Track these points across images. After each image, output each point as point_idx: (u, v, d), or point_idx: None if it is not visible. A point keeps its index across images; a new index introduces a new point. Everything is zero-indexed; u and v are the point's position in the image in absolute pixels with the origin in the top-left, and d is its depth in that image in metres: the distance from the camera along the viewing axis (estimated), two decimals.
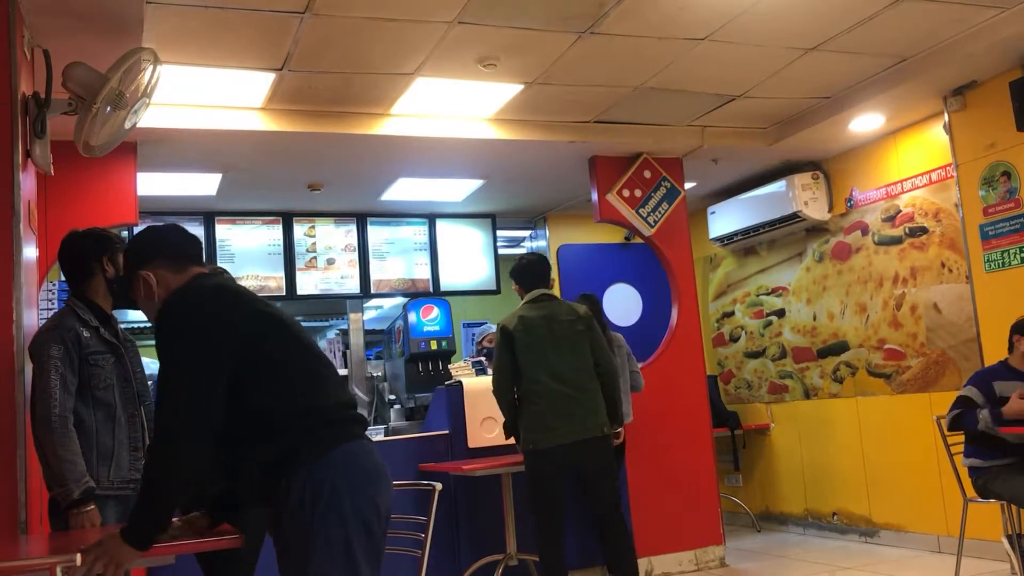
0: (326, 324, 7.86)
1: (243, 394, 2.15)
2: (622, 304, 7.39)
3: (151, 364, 3.89)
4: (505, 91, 4.86)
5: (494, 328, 6.77)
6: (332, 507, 2.13)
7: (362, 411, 2.37)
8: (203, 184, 5.70)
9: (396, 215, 6.85)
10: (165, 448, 2.09)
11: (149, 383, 3.18)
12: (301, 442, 2.16)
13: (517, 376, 4.28)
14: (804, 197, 6.24)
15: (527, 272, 4.49)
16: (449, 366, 6.08)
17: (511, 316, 4.38)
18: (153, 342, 2.28)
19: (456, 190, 6.43)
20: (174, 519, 2.31)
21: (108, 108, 3.29)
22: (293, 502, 2.13)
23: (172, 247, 2.38)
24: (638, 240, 6.38)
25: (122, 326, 3.20)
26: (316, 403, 2.24)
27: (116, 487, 3.00)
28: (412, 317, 6.63)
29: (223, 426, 2.13)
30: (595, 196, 5.86)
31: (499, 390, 4.35)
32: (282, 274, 6.49)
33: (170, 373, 2.13)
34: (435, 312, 6.69)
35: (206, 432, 2.10)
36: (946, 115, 5.30)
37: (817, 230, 6.45)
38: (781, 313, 6.85)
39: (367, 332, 7.19)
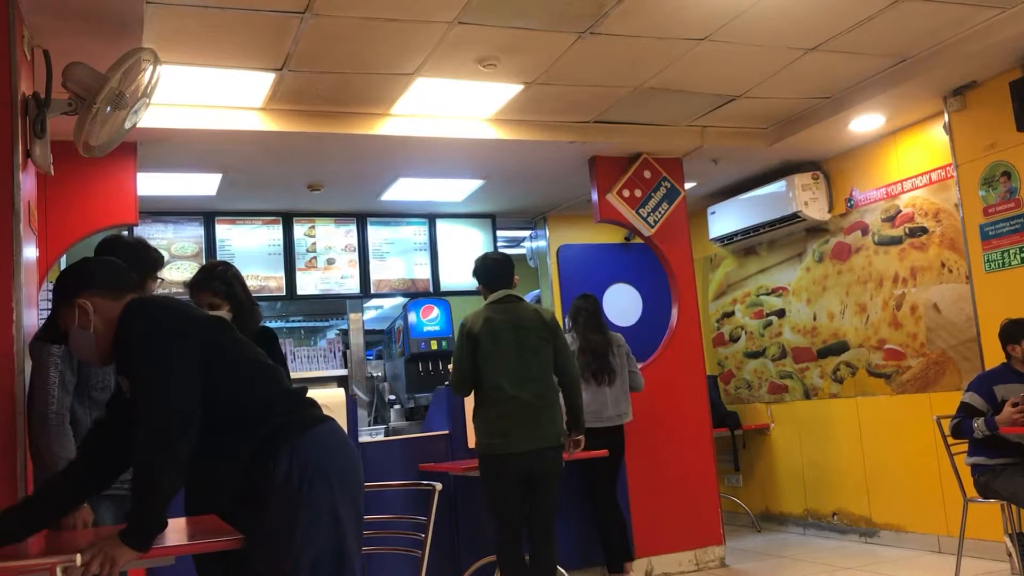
0: (326, 324, 7.87)
1: (213, 388, 2.20)
2: (622, 304, 7.39)
3: None
4: (505, 91, 4.86)
5: None
6: (320, 476, 2.23)
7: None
8: (203, 184, 5.70)
9: (396, 215, 6.85)
10: (160, 446, 2.09)
11: None
12: (280, 423, 2.26)
13: (476, 378, 4.22)
14: (804, 197, 6.24)
15: (492, 272, 4.38)
16: (449, 366, 6.08)
17: (475, 316, 4.28)
18: None
19: (456, 190, 6.43)
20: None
21: (108, 108, 3.28)
22: (280, 478, 2.20)
23: (109, 275, 2.39)
24: (638, 240, 6.38)
25: None
26: (281, 391, 2.37)
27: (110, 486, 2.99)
28: (412, 317, 6.64)
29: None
30: (595, 196, 5.86)
31: (458, 389, 4.34)
32: (282, 274, 6.50)
33: (151, 375, 2.16)
34: (435, 312, 6.70)
35: (194, 427, 2.14)
36: (946, 115, 5.29)
37: (817, 230, 6.45)
38: (781, 313, 6.85)
39: (367, 332, 7.19)
